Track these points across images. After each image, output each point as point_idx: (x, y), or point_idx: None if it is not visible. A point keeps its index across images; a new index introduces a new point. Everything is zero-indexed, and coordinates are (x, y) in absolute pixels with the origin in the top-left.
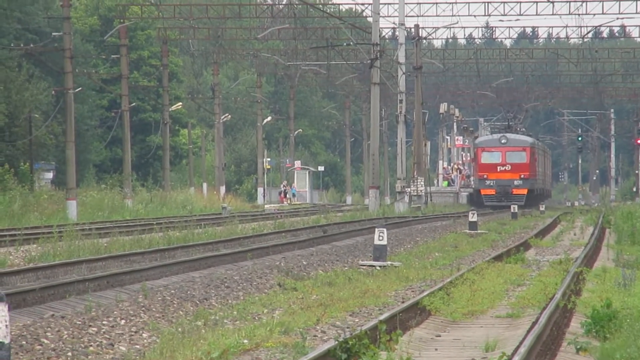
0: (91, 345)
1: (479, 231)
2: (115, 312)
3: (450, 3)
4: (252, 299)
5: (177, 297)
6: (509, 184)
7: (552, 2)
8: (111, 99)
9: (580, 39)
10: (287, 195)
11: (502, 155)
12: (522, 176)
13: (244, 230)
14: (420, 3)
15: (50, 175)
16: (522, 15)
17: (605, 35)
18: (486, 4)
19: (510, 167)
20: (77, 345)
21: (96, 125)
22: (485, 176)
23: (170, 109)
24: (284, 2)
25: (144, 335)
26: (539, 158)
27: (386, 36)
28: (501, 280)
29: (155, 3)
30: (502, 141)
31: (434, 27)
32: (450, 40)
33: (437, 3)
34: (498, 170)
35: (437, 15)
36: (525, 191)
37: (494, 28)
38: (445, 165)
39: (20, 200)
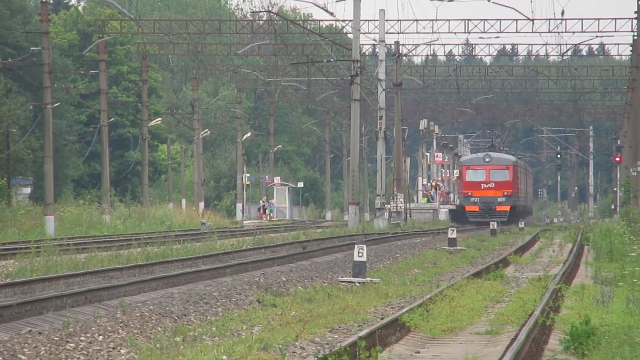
0: None
1: (458, 248)
2: (93, 328)
3: (430, 20)
4: (231, 315)
5: (155, 313)
6: (493, 201)
7: (532, 20)
8: (90, 114)
9: (560, 57)
10: (267, 211)
11: (486, 174)
12: (506, 193)
13: (223, 246)
14: (400, 20)
15: (27, 190)
16: (502, 32)
17: (584, 53)
18: (466, 21)
19: (494, 185)
20: None
21: (74, 141)
22: (469, 193)
23: (149, 125)
24: (264, 18)
25: (122, 351)
26: (521, 176)
27: (366, 53)
28: (480, 297)
29: (134, 18)
30: (486, 160)
31: (414, 44)
32: (430, 57)
33: (417, 20)
34: (482, 187)
35: (417, 32)
36: (508, 208)
37: (473, 45)
38: (424, 182)
39: None
